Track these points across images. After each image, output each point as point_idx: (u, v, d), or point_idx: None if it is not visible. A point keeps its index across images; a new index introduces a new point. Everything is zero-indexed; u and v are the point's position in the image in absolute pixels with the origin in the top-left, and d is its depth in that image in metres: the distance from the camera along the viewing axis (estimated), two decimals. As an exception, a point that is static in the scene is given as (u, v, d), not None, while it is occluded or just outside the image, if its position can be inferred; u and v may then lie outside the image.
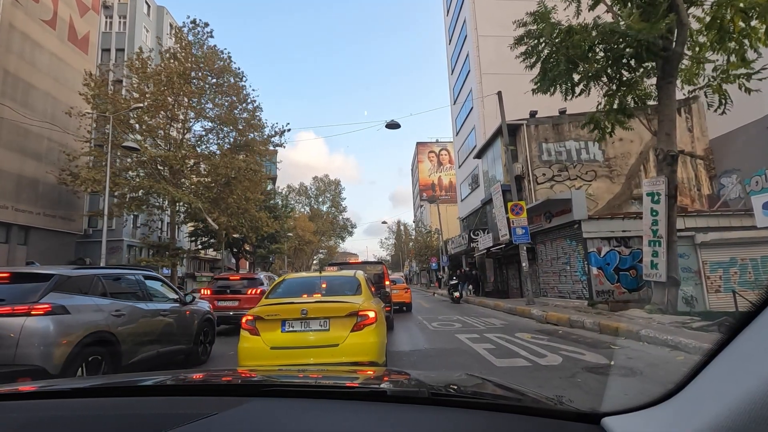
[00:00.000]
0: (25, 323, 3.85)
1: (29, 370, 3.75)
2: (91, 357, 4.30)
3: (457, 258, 32.51)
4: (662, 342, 6.26)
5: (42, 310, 3.97)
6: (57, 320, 4.02)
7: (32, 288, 4.17)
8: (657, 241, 9.19)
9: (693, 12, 9.24)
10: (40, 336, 3.87)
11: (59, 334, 3.98)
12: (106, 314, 4.60)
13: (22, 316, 3.87)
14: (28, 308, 3.92)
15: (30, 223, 23.18)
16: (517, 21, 10.22)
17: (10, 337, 3.75)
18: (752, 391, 0.59)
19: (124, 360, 4.72)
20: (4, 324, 3.79)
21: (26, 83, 22.82)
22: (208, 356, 6.92)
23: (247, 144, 23.86)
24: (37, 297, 4.05)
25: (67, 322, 4.11)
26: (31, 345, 3.80)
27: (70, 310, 4.19)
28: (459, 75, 33.77)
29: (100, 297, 4.73)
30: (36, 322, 3.89)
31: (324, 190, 67.70)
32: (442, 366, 5.91)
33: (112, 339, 4.55)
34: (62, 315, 4.10)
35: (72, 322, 4.15)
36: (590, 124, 10.53)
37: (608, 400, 3.76)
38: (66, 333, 4.05)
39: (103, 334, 4.44)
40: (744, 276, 12.28)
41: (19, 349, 3.75)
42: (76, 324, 4.19)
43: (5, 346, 3.73)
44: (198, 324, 6.58)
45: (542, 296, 15.90)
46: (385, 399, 1.09)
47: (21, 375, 3.72)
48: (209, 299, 10.39)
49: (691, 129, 18.15)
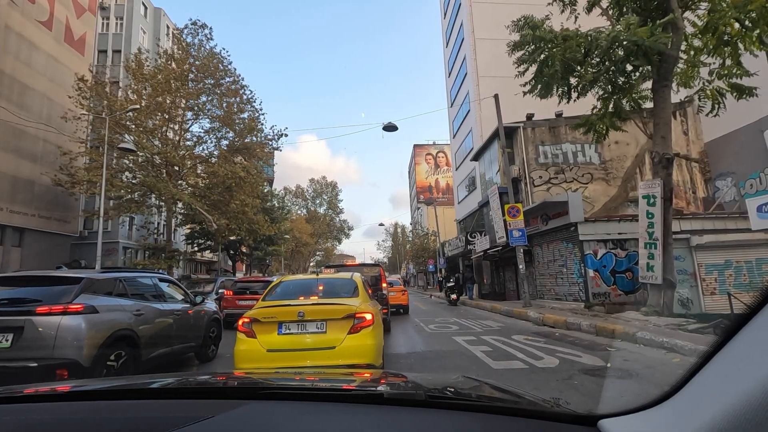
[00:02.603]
0: (62, 321, 4.24)
1: (66, 363, 4.13)
2: (116, 352, 4.68)
3: (454, 260, 32.53)
4: (658, 344, 6.28)
5: (75, 310, 4.37)
6: (88, 319, 4.44)
7: (65, 290, 4.56)
8: (653, 243, 9.23)
9: (688, 16, 9.33)
10: (75, 333, 4.27)
11: (90, 331, 4.39)
12: (128, 314, 5.03)
13: (59, 315, 4.27)
14: (64, 308, 4.32)
15: (25, 225, 23.03)
16: (509, 25, 10.30)
17: (49, 334, 4.15)
18: (748, 393, 0.59)
19: (143, 356, 5.08)
20: (43, 322, 4.19)
21: (22, 84, 22.71)
22: (215, 354, 7.25)
23: (245, 147, 23.84)
24: (71, 298, 4.45)
25: (96, 320, 4.52)
26: (66, 341, 4.19)
27: (99, 310, 4.61)
28: (456, 78, 33.88)
29: (123, 298, 5.16)
30: (71, 320, 4.30)
31: (321, 192, 67.68)
32: (439, 368, 5.90)
33: (134, 336, 4.94)
34: (93, 314, 4.51)
35: (101, 321, 4.57)
36: (585, 127, 10.59)
37: (605, 402, 3.76)
38: (96, 330, 4.46)
39: (126, 332, 4.83)
40: (739, 278, 12.36)
41: (57, 344, 4.14)
42: (104, 322, 4.61)
43: (45, 341, 4.12)
44: (206, 323, 6.97)
45: (539, 298, 15.92)
46: (382, 402, 1.08)
47: (58, 367, 4.09)
48: (231, 299, 11.98)
49: (687, 132, 18.26)
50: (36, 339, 4.12)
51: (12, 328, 4.14)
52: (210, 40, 23.51)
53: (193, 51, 22.94)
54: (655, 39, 7.83)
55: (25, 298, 4.50)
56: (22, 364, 4.00)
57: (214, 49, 23.48)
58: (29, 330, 4.14)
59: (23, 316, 4.21)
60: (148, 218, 25.26)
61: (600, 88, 10.00)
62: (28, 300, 4.45)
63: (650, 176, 13.48)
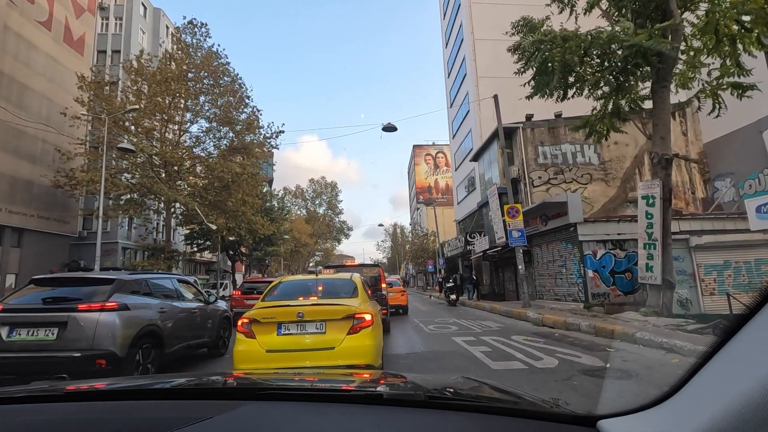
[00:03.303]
0: (100, 317, 4.73)
1: (104, 354, 4.59)
2: (144, 345, 5.15)
3: (453, 260, 32.54)
4: (657, 344, 6.28)
5: (111, 307, 4.87)
6: (122, 315, 4.93)
7: (100, 290, 5.04)
8: (652, 243, 9.24)
9: (687, 17, 9.34)
10: (111, 327, 4.75)
11: (124, 326, 4.88)
12: (154, 311, 5.54)
13: (97, 312, 4.76)
14: (101, 305, 4.81)
15: (24, 225, 23.00)
16: (509, 31, 10.34)
17: (89, 328, 4.65)
18: (747, 393, 0.59)
19: (166, 349, 5.58)
20: (83, 318, 4.68)
21: (21, 84, 22.69)
22: (226, 349, 7.54)
23: (244, 146, 23.83)
24: (106, 297, 4.93)
25: (128, 316, 5.01)
26: (104, 334, 4.67)
27: (130, 307, 5.11)
28: (455, 78, 33.91)
29: (149, 297, 5.67)
30: (107, 316, 4.79)
31: (320, 192, 67.68)
32: (439, 369, 5.90)
33: (159, 331, 5.44)
34: (125, 311, 5.01)
35: (132, 317, 5.07)
36: (585, 128, 10.60)
37: (604, 403, 3.76)
38: (128, 325, 4.95)
39: (152, 327, 5.33)
40: (738, 278, 12.37)
41: (96, 337, 4.62)
42: (135, 318, 5.11)
43: (86, 335, 4.61)
44: (219, 321, 7.49)
45: (538, 299, 15.93)
46: (382, 402, 1.08)
47: (98, 357, 4.55)
48: (240, 298, 12.75)
49: (686, 133, 18.30)
50: (78, 333, 4.61)
51: (57, 323, 4.64)
52: (208, 38, 23.52)
53: (192, 51, 22.94)
54: (653, 42, 7.84)
55: (66, 297, 4.97)
56: (68, 355, 4.46)
57: (212, 47, 23.49)
58: (72, 325, 4.62)
59: (66, 313, 4.70)
60: (147, 219, 25.20)
61: (599, 88, 10.01)
62: (69, 298, 4.92)
63: (649, 177, 13.51)
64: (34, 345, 4.59)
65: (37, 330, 4.63)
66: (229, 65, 23.65)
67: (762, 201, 8.76)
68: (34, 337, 4.61)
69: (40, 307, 4.84)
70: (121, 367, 4.69)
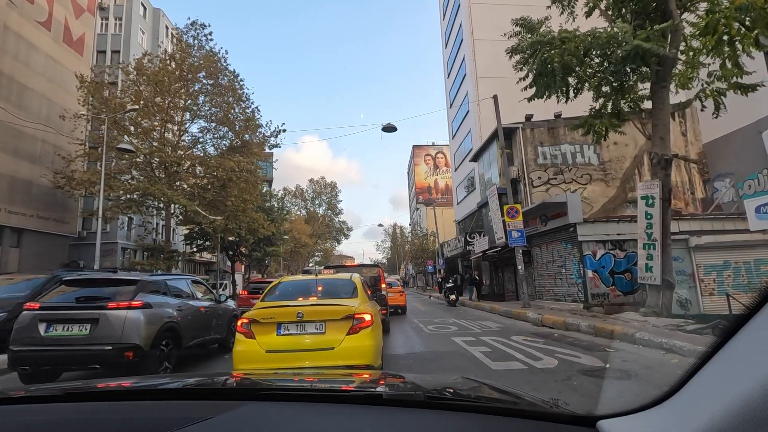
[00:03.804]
0: (127, 314, 5.21)
1: (131, 347, 5.07)
2: (165, 340, 5.61)
3: (453, 261, 32.54)
4: (657, 345, 6.28)
5: (137, 305, 5.35)
6: (146, 313, 5.40)
7: (126, 290, 5.52)
8: (651, 244, 9.24)
9: (687, 17, 9.34)
10: (137, 323, 5.23)
11: (147, 322, 5.35)
12: (173, 309, 6.02)
13: (125, 309, 5.24)
14: (128, 304, 5.29)
15: (23, 226, 22.98)
16: (507, 33, 10.35)
17: (118, 324, 5.13)
18: (747, 393, 0.59)
19: (183, 344, 6.02)
20: (113, 315, 5.18)
21: (20, 84, 22.68)
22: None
23: (244, 146, 23.82)
24: (132, 296, 5.42)
25: (151, 314, 5.49)
26: (131, 329, 5.14)
27: (153, 306, 5.60)
28: (455, 78, 33.93)
29: (167, 296, 6.19)
30: (133, 313, 5.27)
31: (320, 192, 67.69)
32: (438, 369, 5.90)
33: (177, 328, 5.91)
34: (148, 309, 5.49)
35: (154, 314, 5.55)
36: (584, 128, 10.61)
37: (604, 403, 3.76)
38: (151, 321, 5.42)
39: (172, 324, 5.80)
40: (737, 279, 12.38)
41: (124, 332, 5.10)
42: (157, 315, 5.59)
43: (115, 330, 5.09)
44: (228, 319, 7.89)
45: (538, 299, 15.93)
46: (381, 402, 1.08)
47: (126, 350, 5.03)
48: (246, 297, 13.48)
49: (685, 133, 18.31)
50: (108, 328, 5.09)
51: (89, 319, 5.15)
52: (210, 41, 23.53)
53: (194, 52, 22.93)
54: (652, 45, 7.85)
55: (96, 296, 5.46)
56: (100, 348, 4.97)
57: (213, 49, 23.48)
58: (103, 321, 5.12)
59: (97, 311, 5.21)
60: (147, 219, 25.20)
61: (599, 89, 10.02)
62: (99, 297, 5.42)
63: (649, 177, 13.53)
64: (69, 339, 5.08)
65: (72, 326, 5.16)
66: (230, 66, 23.70)
67: (761, 201, 8.77)
68: (69, 332, 5.13)
69: (73, 306, 5.35)
70: (145, 360, 5.17)
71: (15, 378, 6.06)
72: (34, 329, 5.12)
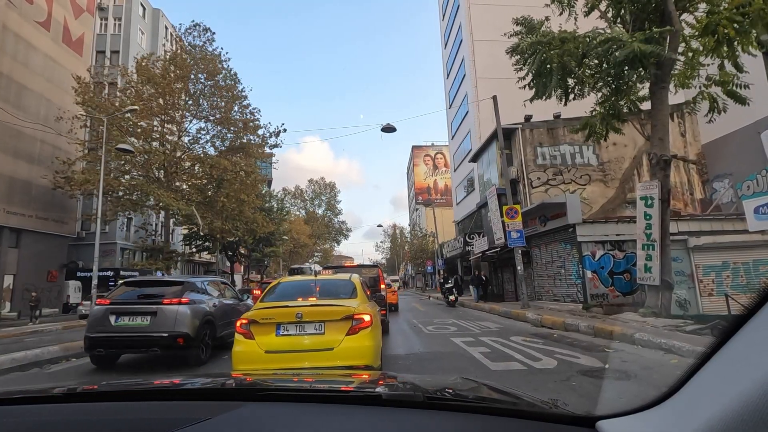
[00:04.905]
0: (178, 309, 6.39)
1: (182, 334, 6.22)
2: (205, 330, 6.73)
3: (452, 261, 32.54)
4: (656, 345, 6.29)
5: (185, 302, 6.53)
6: (192, 308, 6.60)
7: (176, 289, 6.76)
8: (650, 244, 9.25)
9: (685, 18, 9.35)
10: (186, 316, 6.41)
11: (193, 315, 6.54)
12: (210, 305, 7.23)
13: (177, 305, 6.42)
14: (179, 300, 6.47)
15: (22, 226, 22.95)
16: (507, 33, 10.37)
17: (171, 316, 6.30)
18: (746, 393, 0.59)
19: (217, 333, 7.13)
20: (168, 309, 6.35)
21: (19, 85, 22.67)
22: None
23: (243, 147, 23.81)
24: (181, 294, 6.62)
25: (196, 308, 6.70)
26: (181, 320, 6.31)
27: (196, 302, 6.82)
28: (455, 79, 33.96)
29: (205, 294, 7.42)
30: (183, 308, 6.44)
31: (320, 193, 67.71)
32: (438, 370, 5.90)
33: (213, 320, 7.07)
34: (194, 304, 6.69)
35: (198, 309, 6.76)
36: (584, 129, 10.62)
37: (603, 404, 3.76)
38: (196, 314, 6.61)
39: (209, 317, 6.97)
40: (736, 279, 12.39)
41: (176, 323, 6.27)
42: (200, 310, 6.80)
43: (169, 321, 6.26)
44: None
45: (537, 300, 15.94)
46: (381, 403, 1.08)
47: (179, 337, 6.17)
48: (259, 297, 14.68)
49: (684, 134, 18.33)
50: (164, 319, 6.26)
51: (149, 312, 6.34)
52: (212, 42, 23.54)
53: (197, 54, 22.94)
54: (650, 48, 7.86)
55: (153, 294, 6.66)
56: (158, 335, 6.15)
57: (215, 50, 23.51)
58: (160, 314, 6.29)
59: (155, 305, 6.39)
60: (147, 219, 25.18)
61: (598, 89, 10.03)
62: (155, 295, 6.60)
63: (648, 178, 13.54)
64: (134, 328, 6.30)
65: (135, 317, 6.37)
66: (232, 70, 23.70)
67: (760, 202, 8.78)
68: (133, 322, 6.35)
69: (136, 301, 6.60)
70: (191, 345, 6.31)
71: (16, 378, 6.08)
72: (106, 320, 6.35)
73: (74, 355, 7.58)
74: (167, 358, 6.82)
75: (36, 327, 15.88)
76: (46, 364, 6.95)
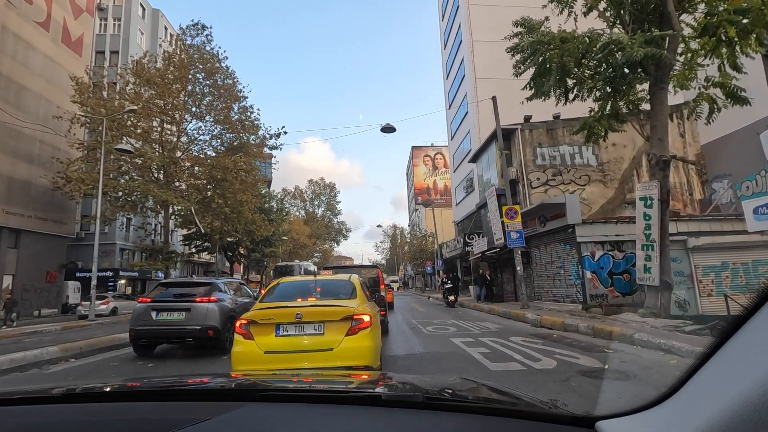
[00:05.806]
0: (208, 306, 7.50)
1: (212, 327, 7.31)
2: (229, 324, 7.40)
3: (452, 262, 32.54)
4: (655, 345, 6.29)
5: (213, 300, 7.63)
6: (219, 305, 7.66)
7: (205, 289, 7.92)
8: (650, 245, 9.25)
9: (684, 18, 9.36)
10: (214, 312, 7.49)
11: (220, 312, 7.59)
12: (232, 304, 8.24)
13: (206, 303, 7.53)
14: (208, 299, 7.60)
15: (21, 226, 22.93)
16: (507, 36, 10.38)
17: (203, 312, 7.40)
18: (745, 394, 0.59)
19: None
20: (200, 306, 7.47)
21: (19, 85, 22.65)
22: None
23: (242, 147, 23.80)
24: (210, 293, 7.74)
25: (222, 306, 7.74)
26: (211, 316, 7.42)
27: (221, 300, 7.84)
28: (454, 80, 33.97)
29: (228, 294, 8.41)
30: (212, 305, 7.54)
31: (319, 193, 67.69)
32: (437, 370, 5.89)
33: (235, 316, 7.39)
34: (220, 302, 7.75)
35: (223, 306, 7.79)
36: (584, 130, 10.62)
37: (602, 404, 3.76)
38: (222, 312, 7.62)
39: (232, 313, 7.77)
40: (736, 280, 12.39)
41: (207, 318, 7.37)
42: (225, 307, 7.83)
43: (201, 316, 7.36)
44: None
45: (537, 300, 15.94)
46: (380, 403, 1.08)
47: (209, 329, 7.28)
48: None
49: (683, 134, 18.35)
50: (197, 315, 7.37)
51: (184, 309, 7.45)
52: (211, 41, 23.55)
53: (195, 54, 22.94)
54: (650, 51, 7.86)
55: (187, 293, 7.82)
56: (192, 328, 7.30)
57: (213, 50, 23.51)
58: (193, 310, 7.42)
59: (189, 303, 7.51)
60: (146, 220, 25.16)
61: (598, 90, 10.04)
62: (189, 294, 7.75)
63: (647, 178, 13.56)
64: (172, 322, 7.44)
65: (173, 313, 7.49)
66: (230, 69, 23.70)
67: (759, 202, 8.79)
68: (171, 317, 7.47)
69: (173, 299, 7.73)
70: (219, 337, 7.32)
71: (15, 378, 6.07)
72: (148, 315, 7.46)
73: (73, 355, 7.62)
74: (195, 349, 7.90)
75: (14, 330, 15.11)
76: (45, 365, 6.94)
